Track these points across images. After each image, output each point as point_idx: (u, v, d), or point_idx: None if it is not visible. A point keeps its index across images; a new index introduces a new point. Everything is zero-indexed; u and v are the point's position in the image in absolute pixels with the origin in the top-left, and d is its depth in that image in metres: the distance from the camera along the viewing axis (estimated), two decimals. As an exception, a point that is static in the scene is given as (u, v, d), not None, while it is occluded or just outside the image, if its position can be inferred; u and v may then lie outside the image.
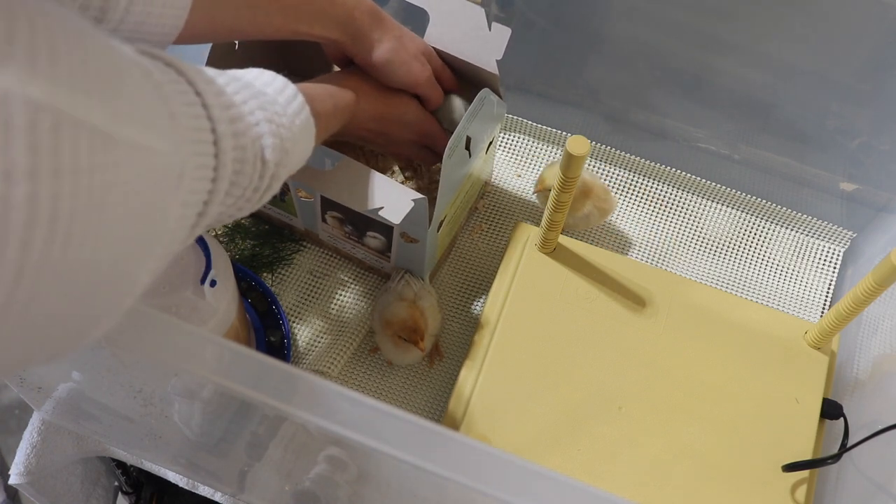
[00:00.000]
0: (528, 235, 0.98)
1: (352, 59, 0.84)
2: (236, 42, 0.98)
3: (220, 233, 1.05)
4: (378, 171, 0.86)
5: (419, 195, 0.83)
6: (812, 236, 1.09)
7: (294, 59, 1.10)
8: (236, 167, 0.53)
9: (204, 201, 0.50)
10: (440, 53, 0.94)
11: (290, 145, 0.61)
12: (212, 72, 0.55)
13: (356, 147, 1.07)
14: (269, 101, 0.59)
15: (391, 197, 0.84)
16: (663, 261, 1.07)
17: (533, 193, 1.08)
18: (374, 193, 0.84)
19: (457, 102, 0.92)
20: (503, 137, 1.15)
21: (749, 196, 1.09)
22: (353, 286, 1.03)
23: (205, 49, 0.94)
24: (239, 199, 0.56)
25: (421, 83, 0.87)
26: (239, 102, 0.55)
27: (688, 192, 1.11)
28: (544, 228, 0.92)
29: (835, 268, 1.07)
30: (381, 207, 0.83)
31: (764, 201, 1.08)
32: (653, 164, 1.11)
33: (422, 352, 0.92)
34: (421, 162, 0.95)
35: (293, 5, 0.77)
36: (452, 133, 0.86)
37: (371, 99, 0.84)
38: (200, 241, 0.80)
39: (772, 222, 1.09)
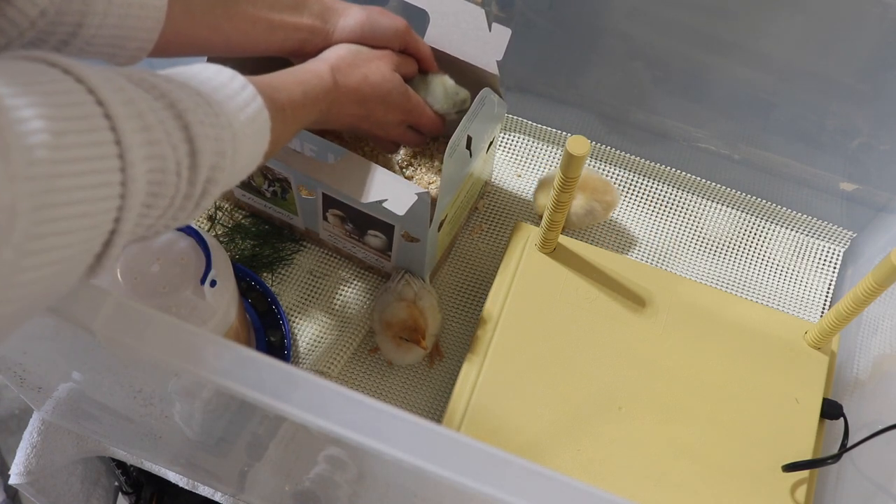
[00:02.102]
0: (528, 235, 0.98)
1: (325, 43, 0.83)
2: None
3: (220, 233, 1.05)
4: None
5: (422, 189, 0.83)
6: (812, 236, 1.09)
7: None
8: (154, 178, 0.48)
9: (113, 221, 0.45)
10: (440, 53, 0.94)
11: (231, 144, 0.56)
12: (139, 73, 0.51)
13: (357, 146, 1.08)
14: (203, 99, 0.55)
15: (395, 190, 0.84)
16: (663, 261, 1.07)
17: (532, 203, 1.08)
18: (378, 186, 0.84)
19: (436, 82, 0.90)
20: (503, 137, 1.15)
21: (749, 196, 1.09)
22: (353, 286, 1.03)
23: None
24: (168, 210, 0.51)
25: (405, 28, 0.86)
26: (158, 108, 0.50)
27: (688, 192, 1.11)
28: (544, 228, 0.92)
29: (835, 268, 1.07)
30: (385, 199, 0.83)
31: (764, 201, 1.08)
32: (653, 164, 1.11)
33: (424, 350, 0.92)
34: (407, 144, 0.94)
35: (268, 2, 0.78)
36: (437, 112, 0.88)
37: (350, 78, 0.81)
38: (200, 241, 0.80)
39: (772, 222, 1.09)
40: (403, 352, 0.93)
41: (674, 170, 1.10)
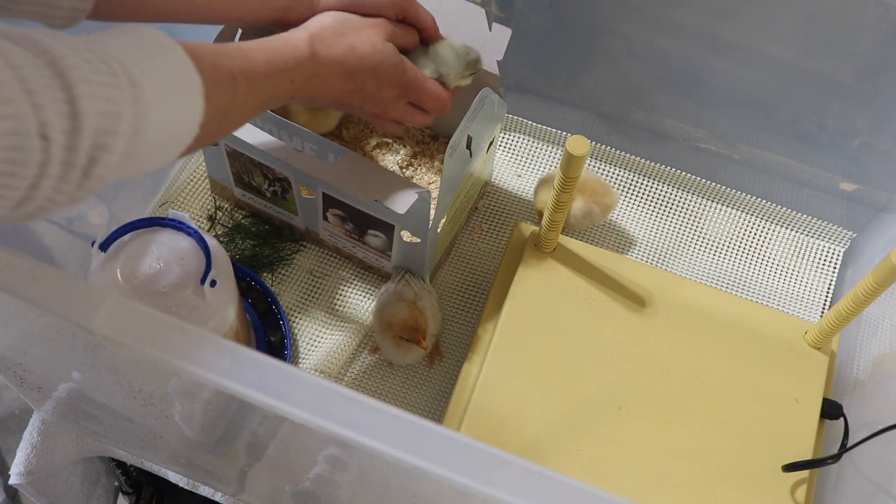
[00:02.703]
0: (528, 235, 0.98)
1: (310, 11, 0.76)
2: (237, 40, 0.98)
3: (220, 233, 1.05)
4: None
5: (423, 188, 0.83)
6: (812, 236, 1.09)
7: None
8: (7, 143, 0.42)
9: None
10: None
11: (130, 107, 0.48)
12: (24, 31, 0.46)
13: (358, 146, 1.08)
14: (97, 57, 0.48)
15: (395, 189, 0.84)
16: (663, 261, 1.07)
17: (533, 208, 1.08)
18: (379, 185, 0.84)
19: (443, 47, 0.83)
20: (503, 137, 1.15)
21: (749, 196, 1.09)
22: (353, 286, 1.03)
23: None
24: (43, 181, 0.45)
25: None
26: (34, 64, 0.44)
27: (688, 192, 1.11)
28: (544, 228, 0.92)
29: (835, 268, 1.07)
30: (386, 198, 0.83)
31: (764, 201, 1.08)
32: (653, 164, 1.11)
33: (424, 350, 0.92)
34: (412, 123, 0.83)
35: None
36: (442, 83, 0.81)
37: (334, 49, 0.72)
38: (200, 241, 0.80)
39: (772, 222, 1.09)
40: (403, 352, 0.93)
41: (674, 170, 1.10)
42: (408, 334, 0.90)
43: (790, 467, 0.84)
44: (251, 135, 0.87)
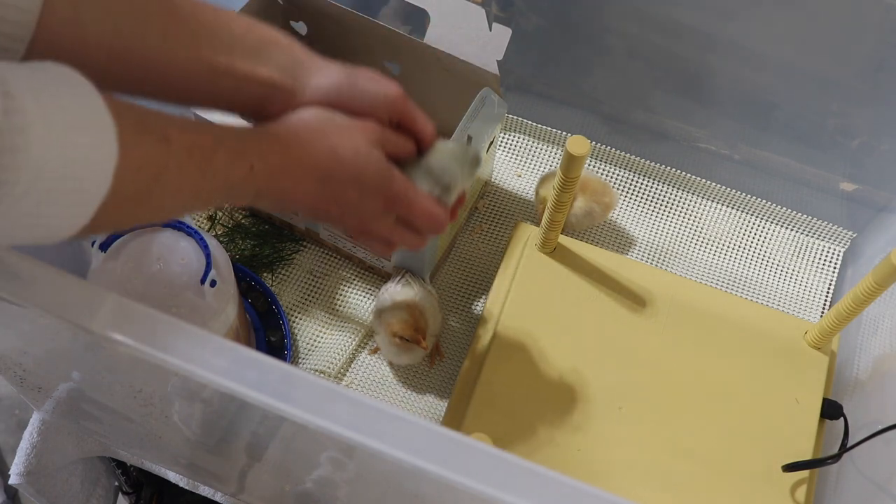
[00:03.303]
0: (528, 235, 0.98)
1: (290, 103, 0.65)
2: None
3: (220, 233, 1.05)
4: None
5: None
6: (812, 236, 1.09)
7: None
8: None
9: None
10: (441, 53, 0.94)
11: (21, 135, 0.42)
12: None
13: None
14: None
15: None
16: (663, 261, 1.07)
17: (533, 199, 1.08)
18: None
19: (439, 149, 0.70)
20: (503, 137, 1.15)
21: (749, 196, 1.09)
22: (353, 286, 1.03)
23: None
24: None
25: (397, 95, 0.68)
26: None
27: (688, 192, 1.11)
28: (544, 228, 0.92)
29: (835, 268, 1.07)
30: None
31: (764, 201, 1.08)
32: (653, 164, 1.11)
33: (424, 350, 0.91)
34: (401, 243, 0.70)
35: (208, 29, 0.60)
36: (440, 198, 0.69)
37: (311, 147, 0.62)
38: (201, 241, 0.80)
39: (772, 222, 1.09)
40: (404, 352, 0.93)
41: (674, 170, 1.10)
42: (408, 334, 0.90)
43: (790, 467, 0.84)
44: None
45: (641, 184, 1.12)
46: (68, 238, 0.48)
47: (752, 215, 1.10)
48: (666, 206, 1.10)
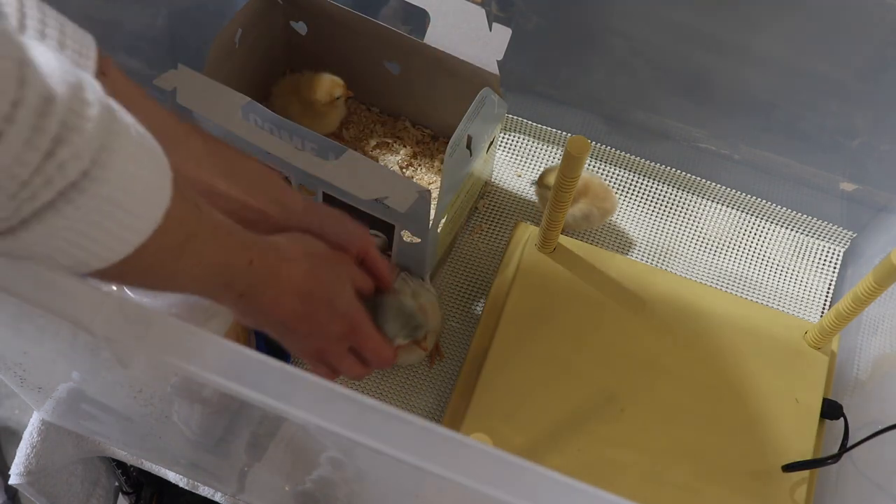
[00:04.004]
0: (528, 235, 0.98)
1: (273, 229, 0.71)
2: (236, 40, 0.98)
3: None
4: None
5: (424, 187, 0.83)
6: (812, 236, 1.09)
7: (296, 56, 1.10)
8: None
9: None
10: (442, 54, 0.94)
11: (100, 127, 0.44)
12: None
13: (358, 146, 1.08)
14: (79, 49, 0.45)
15: (396, 187, 0.84)
16: (663, 261, 1.07)
17: (531, 184, 1.08)
18: (379, 184, 0.84)
19: (392, 307, 0.78)
20: (503, 137, 1.15)
21: (749, 196, 1.09)
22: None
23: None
24: (7, 124, 0.40)
25: (366, 238, 0.76)
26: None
27: (688, 192, 1.11)
28: (544, 228, 0.92)
29: (835, 268, 1.07)
30: (387, 197, 0.83)
31: (764, 201, 1.08)
32: (653, 164, 1.11)
33: (425, 351, 0.91)
34: (346, 373, 0.74)
35: (213, 159, 0.67)
36: (388, 334, 0.77)
37: (297, 265, 0.67)
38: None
39: (772, 222, 1.10)
40: (405, 352, 0.92)
41: (674, 170, 1.10)
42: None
43: (790, 467, 0.85)
44: (252, 134, 0.87)
45: (641, 184, 1.12)
46: (93, 270, 0.49)
47: (752, 215, 1.10)
48: (666, 206, 1.10)
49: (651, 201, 1.11)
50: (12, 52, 0.40)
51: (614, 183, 1.12)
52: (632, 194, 1.11)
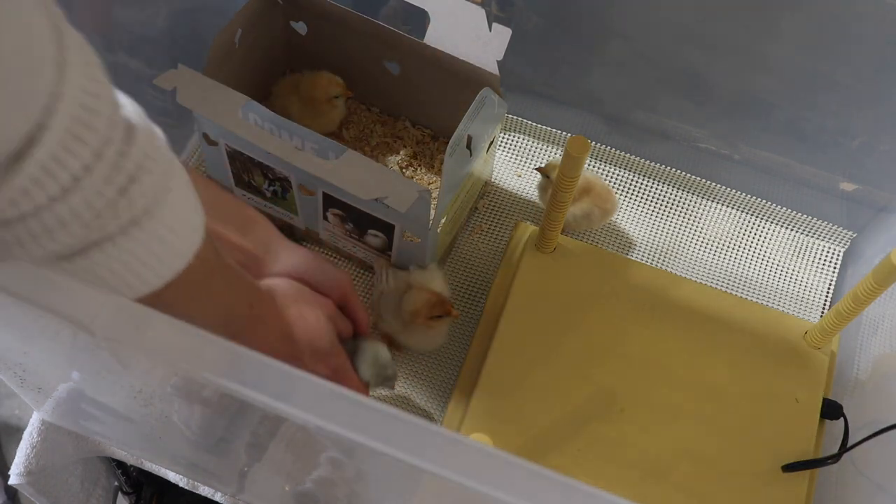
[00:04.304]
0: (527, 235, 0.98)
1: (260, 274, 0.76)
2: (237, 40, 0.98)
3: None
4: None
5: (424, 187, 0.84)
6: (812, 236, 1.09)
7: (296, 56, 1.10)
8: (87, 101, 0.42)
9: (45, 104, 0.40)
10: (442, 54, 0.94)
11: (161, 168, 0.48)
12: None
13: (358, 146, 1.08)
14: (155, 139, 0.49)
15: (396, 187, 0.84)
16: (663, 261, 1.07)
17: (534, 169, 1.07)
18: (379, 183, 0.84)
19: (367, 348, 0.81)
20: (503, 137, 1.15)
21: (749, 196, 1.09)
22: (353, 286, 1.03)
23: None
24: (89, 175, 0.43)
25: (347, 283, 0.80)
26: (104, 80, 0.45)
27: (688, 192, 1.11)
28: (544, 228, 0.93)
29: (835, 268, 1.07)
30: (387, 197, 0.83)
31: (764, 201, 1.09)
32: (653, 164, 1.11)
33: (456, 317, 0.91)
34: None
35: (209, 203, 0.71)
36: (362, 379, 0.80)
37: (285, 310, 0.72)
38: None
39: (772, 222, 1.10)
40: (433, 335, 0.92)
41: (674, 170, 1.10)
42: (438, 310, 0.89)
43: (790, 467, 0.85)
44: (252, 133, 0.87)
45: (642, 184, 1.12)
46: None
47: (752, 215, 1.10)
48: (666, 207, 1.11)
49: (651, 201, 1.11)
50: (109, 95, 0.44)
51: (614, 183, 1.12)
52: (632, 194, 1.11)
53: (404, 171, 1.07)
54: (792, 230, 1.09)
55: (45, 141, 0.41)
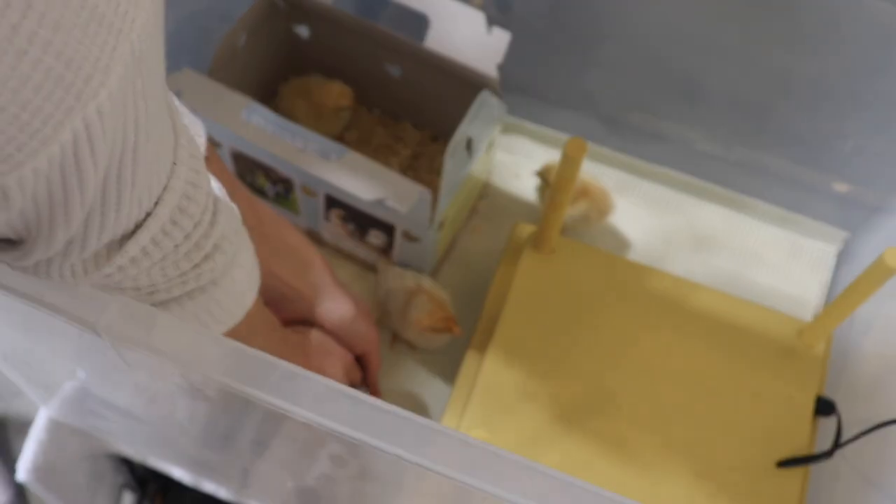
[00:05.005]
0: (527, 235, 0.99)
1: (303, 311, 0.81)
2: (241, 43, 0.99)
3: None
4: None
5: (424, 188, 0.85)
6: (806, 236, 1.10)
7: (299, 59, 1.11)
8: (188, 190, 0.46)
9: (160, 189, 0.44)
10: (441, 57, 0.95)
11: (232, 248, 0.53)
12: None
13: (359, 147, 1.09)
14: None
15: (397, 188, 0.85)
16: (660, 261, 1.08)
17: (535, 173, 1.08)
18: (381, 184, 0.85)
19: None
20: (502, 139, 1.16)
21: (744, 196, 1.10)
22: (354, 286, 1.04)
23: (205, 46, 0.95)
24: (184, 245, 0.48)
25: (375, 339, 0.85)
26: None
27: (683, 193, 1.12)
28: (543, 228, 0.93)
29: (828, 267, 1.08)
30: (388, 197, 0.84)
31: (758, 201, 1.09)
32: (649, 165, 1.12)
33: (458, 335, 0.93)
34: None
35: (270, 236, 0.76)
36: None
37: (316, 356, 0.78)
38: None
39: (766, 222, 1.11)
40: (438, 336, 0.94)
41: (670, 170, 1.11)
42: (441, 325, 0.91)
43: (784, 464, 0.86)
44: (255, 135, 0.88)
45: (638, 185, 1.13)
46: None
47: (746, 215, 1.11)
48: (662, 207, 1.11)
49: (647, 202, 1.12)
50: (205, 183, 0.48)
51: (611, 184, 1.13)
52: (628, 195, 1.12)
53: (405, 172, 1.07)
54: (786, 230, 1.10)
55: (149, 226, 0.44)
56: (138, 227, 0.44)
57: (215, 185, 0.51)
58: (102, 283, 0.47)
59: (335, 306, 0.81)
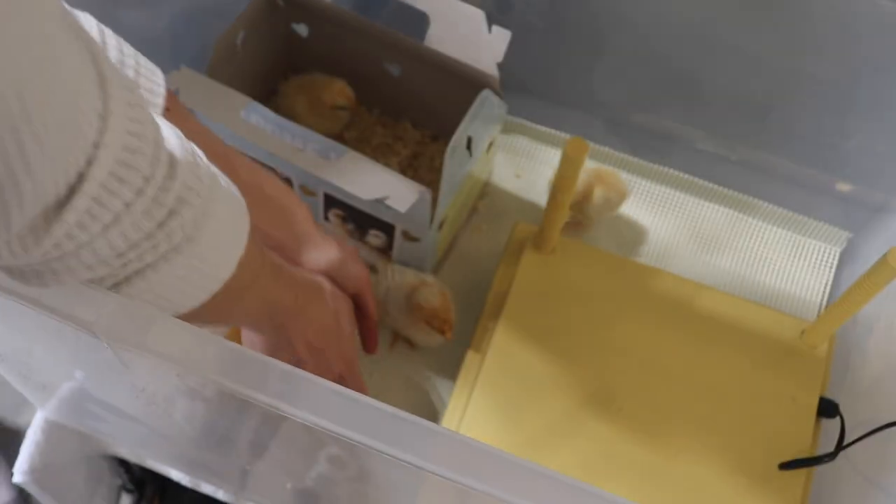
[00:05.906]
0: (527, 235, 0.99)
1: (288, 259, 0.77)
2: (239, 42, 0.98)
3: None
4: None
5: (424, 188, 0.84)
6: (809, 236, 1.09)
7: (298, 58, 1.11)
8: (133, 132, 0.43)
9: (90, 151, 0.41)
10: (441, 56, 0.94)
11: (206, 195, 0.49)
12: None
13: (358, 146, 1.08)
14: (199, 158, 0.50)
15: (397, 188, 0.85)
16: (661, 261, 1.07)
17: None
18: (380, 184, 0.85)
19: None
20: (503, 138, 1.15)
21: (746, 196, 1.09)
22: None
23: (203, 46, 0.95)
24: (133, 207, 0.44)
25: (366, 278, 0.82)
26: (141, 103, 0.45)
27: (685, 193, 1.12)
28: (543, 228, 0.93)
29: (831, 267, 1.08)
30: (387, 197, 0.84)
31: (761, 201, 1.09)
32: (651, 165, 1.11)
33: (448, 339, 0.92)
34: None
35: (246, 184, 0.68)
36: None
37: (328, 298, 0.74)
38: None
39: (768, 222, 1.10)
40: (425, 335, 0.93)
41: (672, 170, 1.11)
42: (435, 323, 0.90)
43: (787, 465, 0.85)
44: (254, 134, 0.88)
45: (640, 185, 1.12)
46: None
47: (749, 215, 1.10)
48: (664, 207, 1.11)
49: (649, 202, 1.11)
50: (151, 133, 0.44)
51: (613, 183, 1.12)
52: (630, 195, 1.12)
53: (404, 171, 1.07)
54: (789, 230, 1.10)
55: (85, 189, 0.41)
56: (73, 191, 0.41)
57: (172, 134, 0.47)
58: (59, 257, 0.43)
59: (321, 252, 0.78)
